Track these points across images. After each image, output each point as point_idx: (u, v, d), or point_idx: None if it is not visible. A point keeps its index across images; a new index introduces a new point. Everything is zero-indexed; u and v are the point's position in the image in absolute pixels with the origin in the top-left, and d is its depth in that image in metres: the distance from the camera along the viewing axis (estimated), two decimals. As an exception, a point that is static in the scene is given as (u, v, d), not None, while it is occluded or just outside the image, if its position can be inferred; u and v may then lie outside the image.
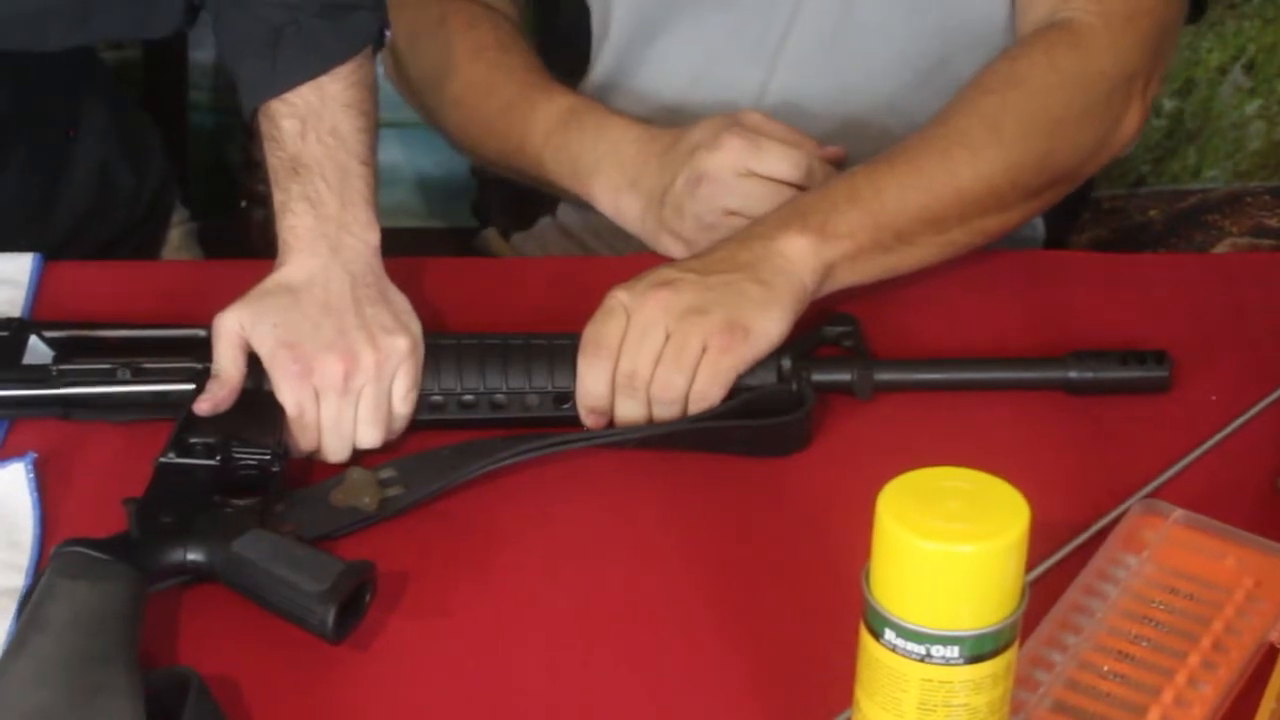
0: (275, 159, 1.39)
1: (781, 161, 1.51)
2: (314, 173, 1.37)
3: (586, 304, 1.39)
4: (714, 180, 1.51)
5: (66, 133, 1.72)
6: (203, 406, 1.32)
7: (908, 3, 1.63)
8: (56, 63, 1.70)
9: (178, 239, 1.86)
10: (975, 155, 1.47)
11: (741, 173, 1.51)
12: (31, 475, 1.31)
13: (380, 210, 1.92)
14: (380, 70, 1.75)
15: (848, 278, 1.44)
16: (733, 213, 1.50)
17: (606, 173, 1.58)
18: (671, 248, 1.53)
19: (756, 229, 1.43)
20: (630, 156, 1.57)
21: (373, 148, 1.41)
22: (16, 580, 1.23)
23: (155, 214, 1.81)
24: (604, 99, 1.66)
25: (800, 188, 1.51)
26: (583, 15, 1.70)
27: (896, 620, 1.03)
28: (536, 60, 1.66)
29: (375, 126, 1.42)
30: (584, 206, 1.72)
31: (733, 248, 1.41)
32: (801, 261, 1.40)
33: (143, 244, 1.80)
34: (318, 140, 1.38)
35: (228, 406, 1.33)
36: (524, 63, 1.65)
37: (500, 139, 1.63)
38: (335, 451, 1.34)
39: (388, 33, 1.44)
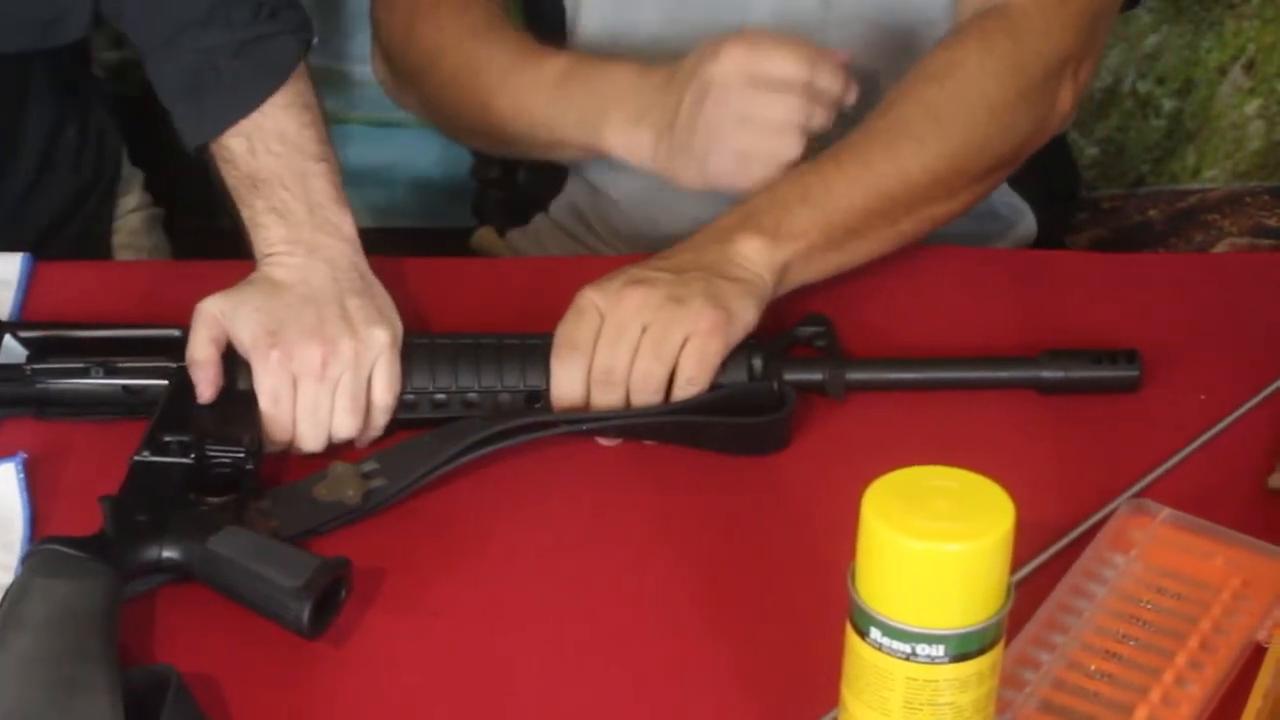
0: (233, 179, 1.41)
1: (786, 61, 1.49)
2: (274, 184, 1.39)
3: (578, 303, 1.40)
4: (721, 88, 1.49)
5: (17, 105, 1.71)
6: (206, 393, 1.33)
7: None
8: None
9: (137, 222, 1.85)
10: (920, 146, 1.48)
11: (747, 78, 1.49)
12: (22, 475, 1.32)
13: (380, 210, 1.92)
14: (371, 70, 1.76)
15: (802, 276, 1.44)
16: (743, 119, 1.48)
17: (613, 115, 1.56)
18: (685, 173, 1.52)
19: (712, 233, 1.44)
20: (635, 94, 1.55)
21: (324, 139, 1.42)
22: (6, 579, 1.23)
23: (101, 177, 1.79)
24: None
25: (807, 109, 1.49)
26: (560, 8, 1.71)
27: (882, 619, 1.03)
28: (528, 35, 1.66)
29: (321, 116, 1.43)
30: (577, 203, 1.72)
31: (694, 251, 1.42)
32: (759, 261, 1.41)
33: (93, 218, 1.79)
34: (268, 151, 1.39)
35: (219, 385, 1.33)
36: (516, 37, 1.65)
37: (499, 108, 1.62)
38: (310, 439, 1.34)
39: (315, 40, 1.45)
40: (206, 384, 1.34)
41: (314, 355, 1.33)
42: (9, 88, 1.69)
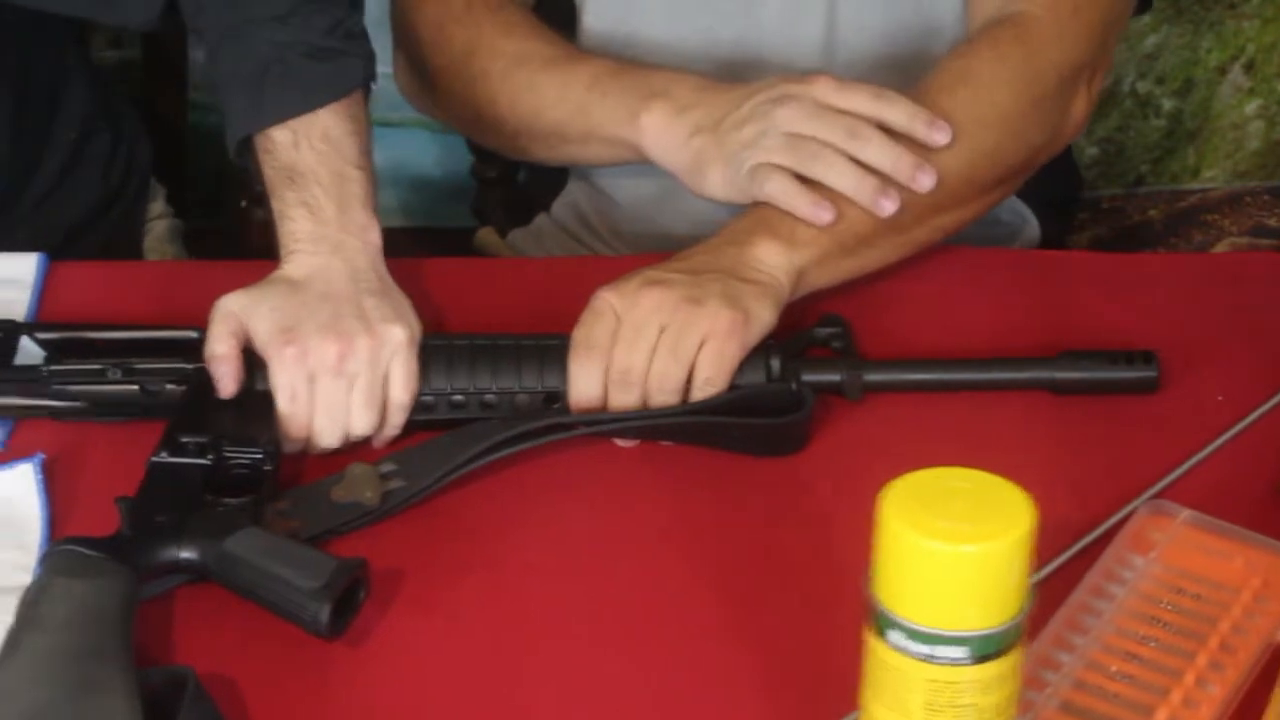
0: (271, 170, 1.41)
1: (857, 95, 1.48)
2: (309, 179, 1.39)
3: (584, 304, 1.39)
4: (800, 101, 1.48)
5: (50, 101, 1.71)
6: (228, 388, 1.34)
7: (884, 4, 1.64)
8: (43, 37, 1.70)
9: (161, 230, 1.85)
10: (932, 156, 1.47)
11: (826, 104, 1.48)
12: (40, 476, 1.32)
13: (379, 210, 1.91)
14: (384, 70, 1.75)
15: (817, 281, 1.45)
16: (799, 136, 1.47)
17: (656, 104, 1.55)
18: (709, 174, 1.51)
19: (727, 235, 1.44)
20: (684, 90, 1.55)
21: (366, 151, 1.43)
22: (25, 580, 1.23)
23: (130, 183, 1.80)
24: None
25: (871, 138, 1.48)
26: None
27: (902, 621, 1.03)
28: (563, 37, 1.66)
29: (367, 130, 1.44)
30: (579, 204, 1.72)
31: (710, 254, 1.42)
32: (775, 264, 1.42)
33: (121, 223, 1.79)
34: (310, 148, 1.40)
35: (240, 380, 1.34)
36: (554, 35, 1.65)
37: (537, 95, 1.61)
38: (328, 435, 1.34)
39: (374, 85, 1.47)
40: (228, 378, 1.34)
41: (330, 351, 1.33)
42: (45, 83, 1.69)
